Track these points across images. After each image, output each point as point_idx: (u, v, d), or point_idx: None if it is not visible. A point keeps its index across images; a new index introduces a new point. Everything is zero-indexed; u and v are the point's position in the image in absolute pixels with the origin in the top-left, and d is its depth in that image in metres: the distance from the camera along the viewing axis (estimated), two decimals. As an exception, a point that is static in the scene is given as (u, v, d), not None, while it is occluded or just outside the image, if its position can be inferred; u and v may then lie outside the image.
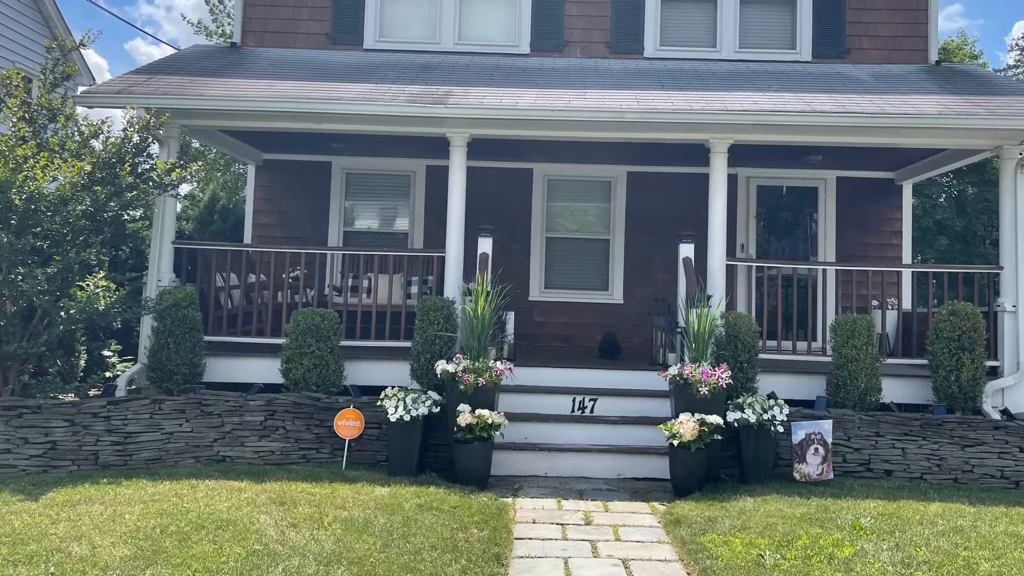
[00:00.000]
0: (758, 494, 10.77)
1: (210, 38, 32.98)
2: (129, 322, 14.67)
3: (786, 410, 11.79)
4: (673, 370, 11.98)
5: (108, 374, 14.16)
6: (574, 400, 13.00)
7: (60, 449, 11.42)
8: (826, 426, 11.85)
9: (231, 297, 14.64)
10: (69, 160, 12.18)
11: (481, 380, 11.54)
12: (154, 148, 13.88)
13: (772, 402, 11.82)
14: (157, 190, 12.98)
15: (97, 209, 12.24)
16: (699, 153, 14.18)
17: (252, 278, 15.14)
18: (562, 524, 9.85)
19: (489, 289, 12.38)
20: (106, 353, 14.40)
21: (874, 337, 12.85)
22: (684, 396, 11.68)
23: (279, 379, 12.92)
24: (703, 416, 11.30)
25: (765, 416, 11.59)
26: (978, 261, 24.50)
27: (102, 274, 13.06)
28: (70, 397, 12.21)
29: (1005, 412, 13.11)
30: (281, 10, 17.83)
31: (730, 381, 11.77)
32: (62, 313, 11.75)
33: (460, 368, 11.71)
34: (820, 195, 18.03)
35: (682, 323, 12.95)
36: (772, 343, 14.00)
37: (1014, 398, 13.36)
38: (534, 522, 9.91)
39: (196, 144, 27.01)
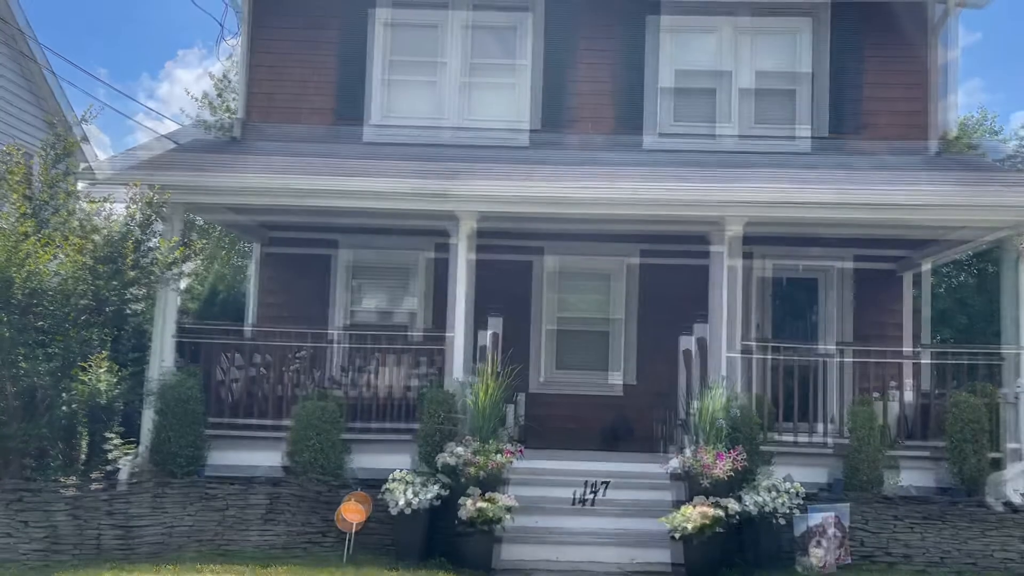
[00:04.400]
0: (770, 581, 10.60)
1: (215, 114, 32.95)
2: (132, 402, 14.46)
3: (800, 495, 11.63)
4: (680, 458, 11.83)
5: (110, 457, 13.91)
6: (581, 487, 12.78)
7: (62, 536, 11.34)
8: (843, 510, 11.68)
9: (234, 383, 14.41)
10: (70, 237, 12.06)
11: (489, 465, 11.37)
12: (158, 226, 13.70)
13: (787, 485, 11.68)
14: (159, 270, 12.83)
15: (99, 303, 12.14)
16: (707, 239, 14.04)
17: (256, 363, 14.93)
18: (571, 614, 9.71)
19: (495, 374, 12.21)
20: (108, 436, 14.17)
21: (890, 421, 12.68)
22: (692, 484, 11.61)
23: (283, 465, 12.71)
24: (711, 504, 11.16)
25: (777, 501, 11.45)
26: (997, 341, 24.16)
27: (104, 354, 12.86)
28: (72, 482, 12.00)
29: (1027, 496, 12.90)
30: (286, 86, 17.69)
31: (739, 467, 11.66)
32: (63, 395, 11.61)
33: (467, 453, 11.55)
34: (832, 278, 17.73)
35: (691, 410, 12.77)
36: (787, 425, 13.76)
37: (1036, 481, 13.12)
38: (542, 611, 9.76)
39: (200, 221, 26.92)
